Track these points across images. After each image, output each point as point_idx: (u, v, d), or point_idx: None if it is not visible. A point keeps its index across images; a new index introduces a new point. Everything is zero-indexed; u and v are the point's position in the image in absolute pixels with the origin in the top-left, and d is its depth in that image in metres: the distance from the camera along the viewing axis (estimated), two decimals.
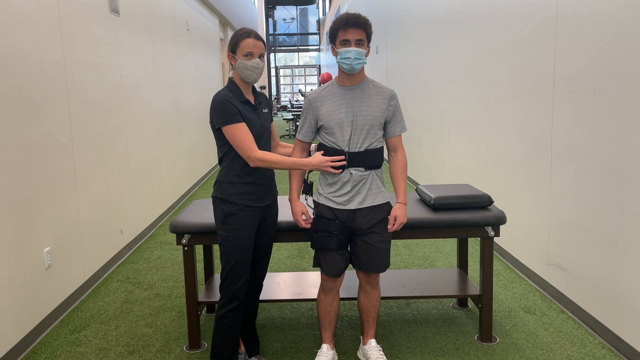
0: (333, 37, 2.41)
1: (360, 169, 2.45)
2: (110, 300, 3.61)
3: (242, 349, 2.73)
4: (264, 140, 2.47)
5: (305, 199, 2.61)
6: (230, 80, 2.46)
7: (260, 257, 2.62)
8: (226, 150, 2.43)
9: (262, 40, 2.43)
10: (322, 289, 2.64)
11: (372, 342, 2.71)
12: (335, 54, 2.42)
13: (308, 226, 2.56)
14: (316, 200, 2.56)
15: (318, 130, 2.53)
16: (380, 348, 2.70)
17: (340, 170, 2.43)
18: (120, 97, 4.56)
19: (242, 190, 2.42)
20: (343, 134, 2.43)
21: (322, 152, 2.48)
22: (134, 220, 4.81)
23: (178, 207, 6.41)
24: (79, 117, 3.73)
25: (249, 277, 2.48)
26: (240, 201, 2.41)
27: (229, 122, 2.32)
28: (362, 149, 2.44)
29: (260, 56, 2.40)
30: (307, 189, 2.60)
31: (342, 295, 2.95)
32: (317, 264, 2.57)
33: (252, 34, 2.40)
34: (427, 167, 6.67)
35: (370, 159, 2.46)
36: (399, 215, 2.50)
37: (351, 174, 2.45)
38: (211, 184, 8.01)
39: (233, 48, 2.40)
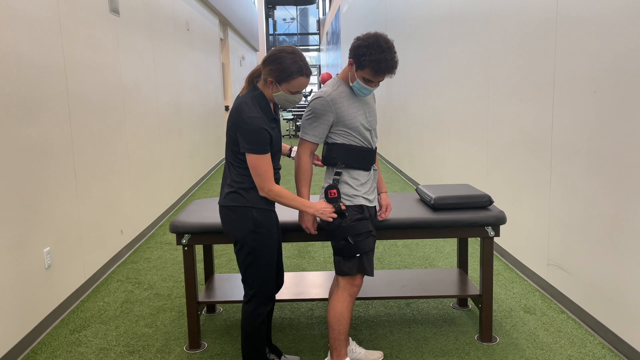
0: (359, 64, 2.29)
1: (374, 165, 2.54)
2: (110, 300, 3.61)
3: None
4: (278, 148, 2.42)
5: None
6: (261, 94, 2.31)
7: (279, 263, 2.62)
8: (244, 158, 2.32)
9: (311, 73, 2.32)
10: (350, 296, 2.47)
11: (353, 341, 2.76)
12: (352, 74, 2.35)
13: (334, 215, 2.39)
14: (347, 204, 2.42)
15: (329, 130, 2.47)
16: None
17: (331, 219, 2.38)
18: (120, 97, 4.57)
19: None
20: (369, 133, 2.46)
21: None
22: (134, 220, 4.81)
23: (178, 207, 6.41)
24: (79, 117, 3.73)
25: None
26: (267, 206, 2.36)
27: (258, 152, 2.23)
28: (375, 146, 2.53)
29: None
30: (337, 198, 2.40)
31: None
32: (362, 269, 2.42)
33: (305, 71, 2.24)
34: (427, 167, 6.67)
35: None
36: (389, 202, 2.68)
37: (375, 170, 2.53)
38: (211, 184, 8.01)
39: (280, 78, 2.22)
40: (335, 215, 2.38)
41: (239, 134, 2.25)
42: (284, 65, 2.21)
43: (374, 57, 2.24)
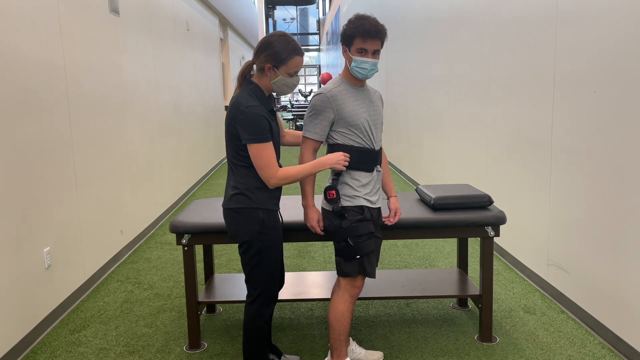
0: (348, 41, 2.33)
1: (378, 166, 2.51)
2: (110, 300, 3.61)
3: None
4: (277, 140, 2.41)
5: (332, 209, 2.42)
6: (256, 86, 2.31)
7: (281, 263, 2.59)
8: (247, 154, 2.29)
9: None
10: (351, 297, 2.46)
11: (353, 341, 2.75)
12: (348, 57, 2.36)
13: (322, 233, 2.49)
14: (348, 205, 2.41)
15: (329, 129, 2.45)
16: None
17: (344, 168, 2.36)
18: (120, 97, 4.57)
19: (273, 195, 2.33)
20: (371, 131, 2.43)
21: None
22: (134, 220, 4.81)
23: (178, 207, 6.41)
24: (79, 117, 3.73)
25: None
26: (273, 207, 2.34)
27: (259, 141, 2.20)
28: (379, 147, 2.50)
29: None
30: (336, 199, 2.38)
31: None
32: (362, 271, 2.41)
33: (299, 50, 2.28)
34: (427, 167, 6.67)
35: (381, 157, 2.56)
36: (398, 207, 2.63)
37: (378, 171, 2.51)
38: (211, 184, 8.01)
39: (277, 62, 2.24)
40: (344, 168, 2.34)
41: (239, 126, 2.22)
42: (278, 48, 2.24)
43: (357, 24, 2.30)
